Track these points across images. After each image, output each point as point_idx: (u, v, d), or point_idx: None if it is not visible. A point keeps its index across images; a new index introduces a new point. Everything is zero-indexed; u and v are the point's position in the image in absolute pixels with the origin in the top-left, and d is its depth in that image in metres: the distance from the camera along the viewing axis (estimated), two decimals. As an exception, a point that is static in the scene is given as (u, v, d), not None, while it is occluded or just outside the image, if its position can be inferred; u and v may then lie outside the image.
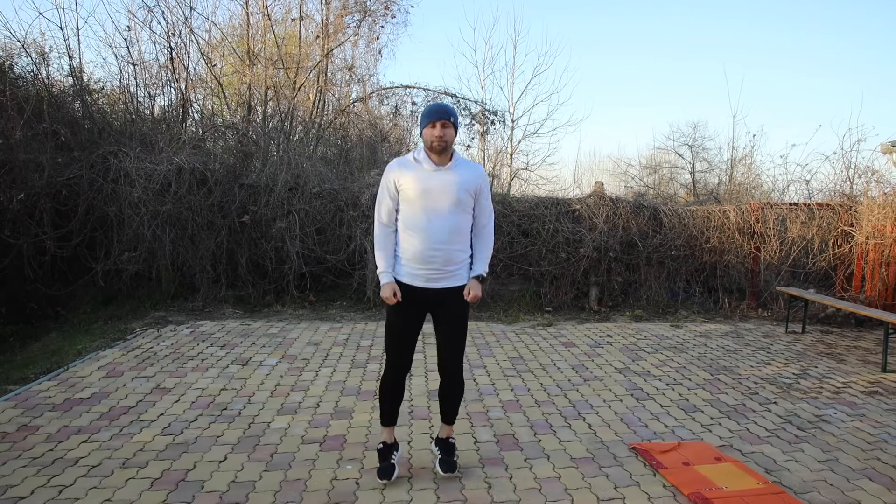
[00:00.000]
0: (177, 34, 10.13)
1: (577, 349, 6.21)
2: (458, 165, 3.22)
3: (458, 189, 3.15)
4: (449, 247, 3.16)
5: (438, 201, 3.14)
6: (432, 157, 3.17)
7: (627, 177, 16.62)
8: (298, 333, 6.55)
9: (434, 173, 3.16)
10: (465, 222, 3.24)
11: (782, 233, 8.74)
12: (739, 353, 6.21)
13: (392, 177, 3.22)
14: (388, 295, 3.16)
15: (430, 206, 3.14)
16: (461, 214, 3.20)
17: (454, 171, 3.19)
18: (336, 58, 12.79)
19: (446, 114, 3.13)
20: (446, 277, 3.21)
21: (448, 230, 3.15)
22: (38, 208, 7.37)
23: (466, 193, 3.18)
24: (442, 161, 3.18)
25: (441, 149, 3.12)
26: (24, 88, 8.03)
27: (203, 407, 4.34)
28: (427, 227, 3.13)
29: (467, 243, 3.29)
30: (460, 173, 3.20)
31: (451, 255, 3.18)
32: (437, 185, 3.14)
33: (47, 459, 3.44)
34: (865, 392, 5.06)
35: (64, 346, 5.95)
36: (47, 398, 4.42)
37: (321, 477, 3.31)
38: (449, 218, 3.15)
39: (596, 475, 3.41)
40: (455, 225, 3.17)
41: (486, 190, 3.31)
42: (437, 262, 3.16)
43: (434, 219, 3.13)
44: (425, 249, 3.14)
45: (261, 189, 8.03)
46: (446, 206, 3.14)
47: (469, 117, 12.31)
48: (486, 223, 3.35)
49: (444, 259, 3.17)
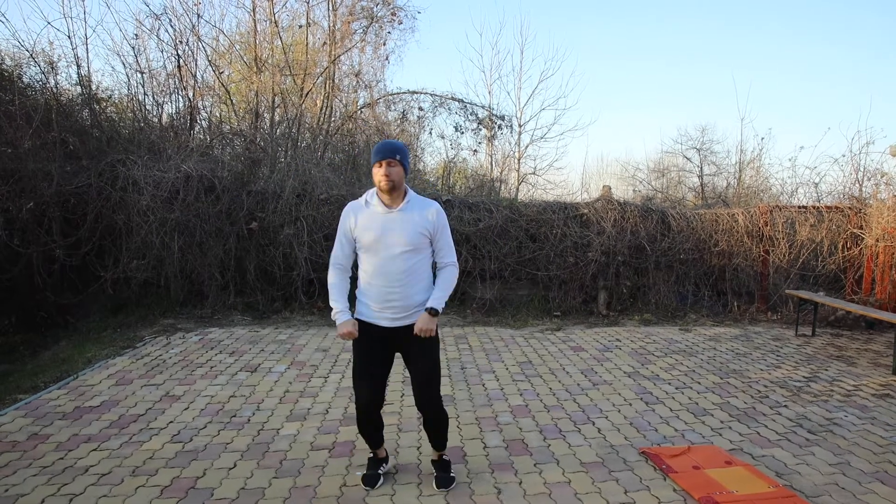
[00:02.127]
0: (184, 42, 10.19)
1: (586, 353, 6.19)
2: (410, 206, 3.11)
3: (411, 232, 3.06)
4: (406, 290, 3.08)
5: (391, 245, 3.05)
6: (382, 198, 3.10)
7: (635, 181, 16.58)
8: (307, 340, 6.56)
9: (385, 216, 3.08)
10: (422, 263, 3.14)
11: (791, 236, 8.70)
12: (749, 357, 6.17)
13: (346, 222, 3.16)
14: (345, 331, 3.07)
15: (382, 251, 3.06)
16: (416, 256, 3.10)
17: (406, 212, 3.09)
18: (343, 64, 12.83)
19: (391, 152, 3.03)
20: (409, 317, 3.12)
21: (404, 273, 3.07)
22: (48, 217, 7.41)
23: (419, 235, 3.09)
24: (393, 202, 3.10)
25: (388, 188, 3.03)
26: (33, 97, 8.08)
27: (212, 414, 4.35)
28: (382, 271, 3.06)
29: (427, 284, 3.17)
30: (412, 214, 3.10)
31: (410, 298, 3.10)
32: (389, 230, 3.06)
33: (57, 468, 3.45)
34: (876, 395, 5.02)
35: (73, 354, 5.98)
36: (57, 407, 4.44)
37: (330, 483, 3.31)
38: (403, 261, 3.06)
39: (606, 480, 3.40)
40: (410, 268, 3.08)
41: (443, 228, 3.19)
42: (397, 305, 3.09)
43: (388, 263, 3.06)
44: (383, 293, 3.08)
45: (269, 196, 8.05)
46: (399, 250, 3.05)
47: (476, 122, 12.33)
48: (447, 257, 3.22)
49: (403, 302, 3.09)
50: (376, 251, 3.06)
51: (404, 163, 3.08)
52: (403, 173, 3.08)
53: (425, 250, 3.15)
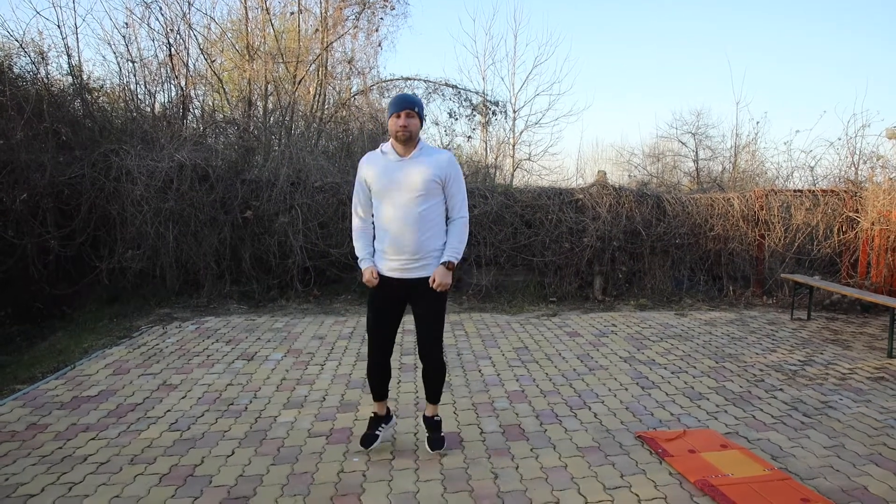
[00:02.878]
0: (175, 30, 10.11)
1: (582, 339, 6.21)
2: (422, 154, 3.24)
3: (422, 179, 3.17)
4: (418, 237, 3.21)
5: (403, 192, 3.18)
6: (397, 147, 3.23)
7: (630, 166, 16.55)
8: (303, 328, 6.57)
9: (398, 164, 3.22)
10: (434, 212, 3.25)
11: (787, 220, 8.72)
12: (745, 341, 6.20)
13: (362, 171, 3.32)
14: (368, 277, 3.29)
15: (395, 198, 3.20)
16: (428, 204, 3.22)
17: (417, 160, 3.22)
18: (336, 51, 12.76)
19: (410, 103, 3.17)
20: (419, 267, 3.26)
21: (415, 220, 3.19)
22: (41, 208, 7.38)
23: (432, 182, 3.20)
24: (406, 151, 3.22)
25: (405, 138, 3.16)
26: (24, 88, 8.02)
27: (209, 402, 4.36)
28: (394, 218, 3.20)
29: (439, 232, 3.30)
30: (424, 162, 3.22)
31: (422, 245, 3.22)
32: (401, 177, 3.19)
33: (56, 457, 3.45)
34: (871, 378, 5.05)
35: (70, 344, 5.97)
36: (55, 397, 4.44)
37: (328, 470, 3.32)
38: (415, 208, 3.19)
39: (602, 464, 3.42)
40: (422, 215, 3.20)
41: (456, 177, 3.30)
42: (408, 252, 3.22)
43: (400, 210, 3.19)
44: (394, 240, 3.22)
45: (263, 184, 8.03)
46: (411, 197, 3.18)
47: (470, 108, 12.29)
48: (459, 211, 3.35)
49: (415, 249, 3.21)
50: (389, 198, 3.20)
51: (421, 115, 3.23)
52: (419, 125, 3.22)
53: (437, 197, 3.25)
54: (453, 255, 3.28)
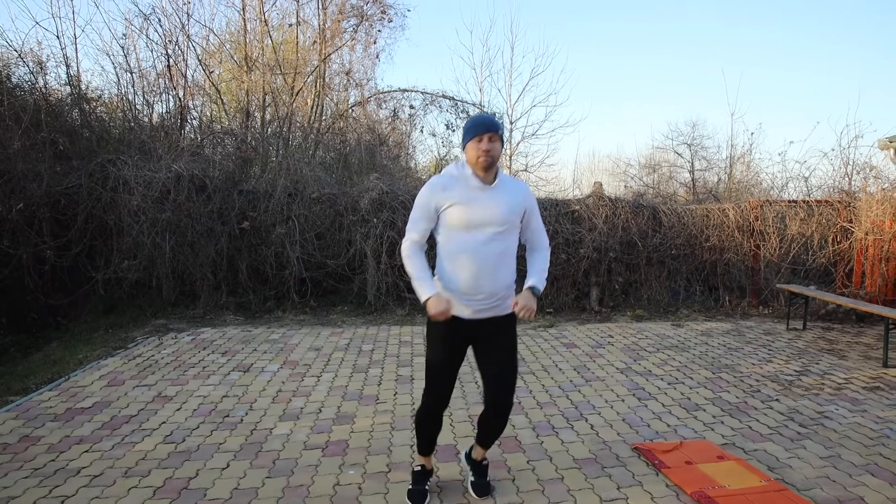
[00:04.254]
0: (174, 41, 10.16)
1: (579, 350, 6.21)
2: (502, 184, 2.89)
3: (507, 210, 2.84)
4: (497, 273, 2.85)
5: (485, 224, 2.81)
6: (479, 174, 2.83)
7: (626, 177, 16.64)
8: (300, 339, 6.55)
9: (482, 193, 2.83)
10: (512, 246, 2.92)
11: (782, 230, 8.75)
12: (741, 351, 6.21)
13: (434, 198, 2.85)
14: (443, 308, 2.74)
15: (476, 230, 2.81)
16: (508, 238, 2.88)
17: (500, 190, 2.87)
18: (334, 62, 12.82)
19: (494, 126, 2.80)
20: (493, 307, 2.90)
21: (496, 255, 2.84)
22: (38, 218, 7.37)
23: (514, 215, 2.88)
24: (487, 179, 2.84)
25: (488, 165, 2.78)
26: (22, 98, 8.03)
27: (205, 414, 4.34)
28: (474, 252, 2.81)
29: (514, 268, 2.97)
30: (507, 192, 2.88)
31: (499, 282, 2.87)
32: (484, 207, 2.82)
33: (49, 470, 3.43)
34: (867, 388, 5.06)
35: (65, 355, 5.95)
36: (48, 408, 4.42)
37: (324, 483, 3.30)
38: (496, 243, 2.83)
39: (599, 476, 3.41)
40: (502, 250, 2.86)
41: (535, 208, 3.02)
42: (485, 291, 2.85)
43: (482, 244, 2.81)
44: (471, 277, 2.82)
45: (260, 195, 8.04)
46: (492, 230, 2.82)
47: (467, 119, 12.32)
48: (542, 241, 3.07)
49: (492, 287, 2.86)
50: (467, 230, 2.81)
51: (503, 138, 2.91)
52: (501, 149, 2.87)
53: (515, 233, 2.94)
54: (540, 283, 2.96)
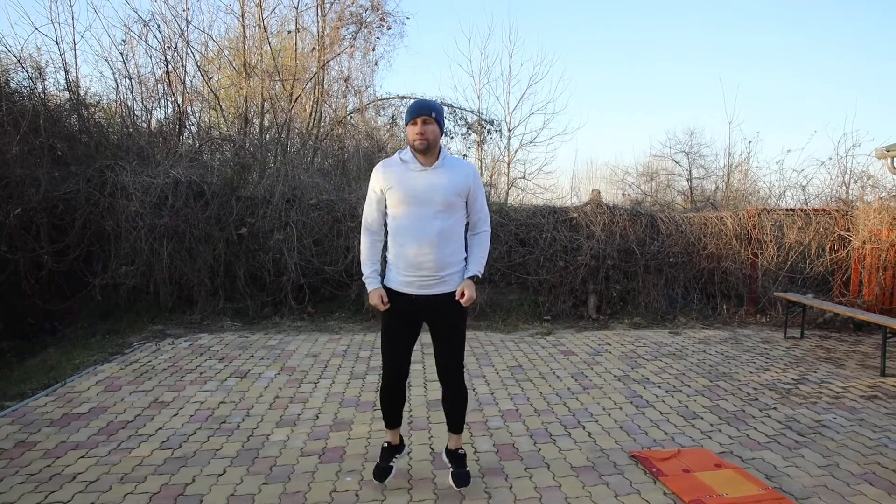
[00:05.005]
0: (173, 47, 10.17)
1: (577, 357, 6.21)
2: (445, 165, 3.05)
3: (446, 191, 2.99)
4: (440, 251, 3.01)
5: (425, 204, 2.98)
6: (417, 156, 3.01)
7: (624, 184, 16.65)
8: (297, 345, 6.54)
9: (420, 174, 3.01)
10: (456, 225, 3.08)
11: (779, 238, 8.76)
12: (738, 360, 6.21)
13: (377, 180, 3.08)
14: (376, 301, 3.07)
15: (417, 210, 2.99)
16: (451, 217, 3.03)
17: (441, 170, 3.03)
18: (332, 69, 12.85)
19: (427, 109, 2.95)
20: (439, 283, 3.07)
21: (437, 234, 2.99)
22: (35, 223, 7.36)
23: (455, 195, 3.02)
24: (428, 161, 3.01)
25: (423, 148, 2.95)
26: (21, 103, 8.04)
27: (202, 420, 4.33)
28: (415, 231, 2.99)
29: (460, 246, 3.13)
30: (448, 173, 3.03)
31: (443, 260, 3.03)
32: (424, 188, 2.99)
33: (44, 476, 3.42)
34: (865, 396, 5.06)
35: (61, 361, 5.93)
36: (44, 414, 4.40)
37: (321, 489, 3.29)
38: (438, 221, 2.99)
39: (596, 483, 3.40)
40: (445, 228, 3.01)
41: (479, 189, 3.15)
42: (428, 268, 3.02)
43: (422, 223, 2.99)
44: (415, 255, 3.01)
45: (258, 201, 8.03)
46: (434, 209, 2.98)
47: (465, 127, 12.35)
48: (482, 225, 3.21)
49: (436, 264, 3.02)
50: (409, 210, 2.99)
51: (440, 121, 3.00)
52: (439, 132, 3.00)
53: (459, 212, 3.08)
54: (480, 269, 3.15)
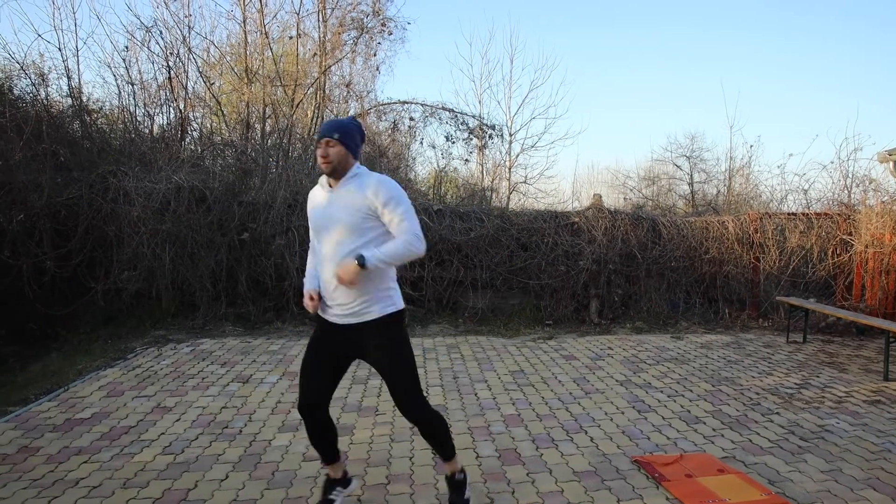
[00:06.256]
0: (175, 54, 10.22)
1: (578, 362, 6.20)
2: (349, 183, 2.79)
3: (348, 210, 2.74)
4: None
5: (328, 229, 2.78)
6: (329, 179, 2.84)
7: (626, 189, 16.67)
8: (299, 350, 6.54)
9: (326, 198, 2.83)
10: (370, 245, 2.74)
11: (781, 242, 8.76)
12: (741, 364, 6.20)
13: (308, 205, 3.00)
14: (306, 300, 2.89)
15: (325, 235, 2.80)
16: (361, 237, 2.74)
17: (344, 190, 2.78)
18: (334, 74, 12.89)
19: (329, 130, 2.75)
20: (360, 312, 2.80)
21: (344, 258, 2.72)
22: (38, 229, 7.38)
23: (358, 213, 2.73)
24: (335, 183, 2.82)
25: (328, 171, 2.77)
26: (24, 109, 8.06)
27: (204, 425, 4.33)
28: (324, 258, 2.81)
29: (377, 274, 2.77)
30: (350, 192, 2.77)
31: (359, 294, 2.77)
32: (326, 211, 2.81)
33: (48, 481, 3.42)
34: (868, 401, 5.05)
35: (64, 366, 5.94)
36: (47, 419, 4.41)
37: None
38: (345, 244, 2.74)
39: (598, 488, 3.40)
40: (353, 251, 2.72)
41: (391, 198, 2.72)
42: (341, 296, 2.79)
43: (330, 247, 2.78)
44: (326, 284, 2.83)
45: (260, 206, 8.04)
46: (338, 234, 2.75)
47: (467, 131, 12.38)
48: (399, 230, 2.74)
49: (346, 295, 2.77)
50: (319, 234, 2.84)
51: (344, 141, 2.75)
52: (345, 153, 2.76)
53: (371, 232, 2.76)
54: (371, 257, 2.67)
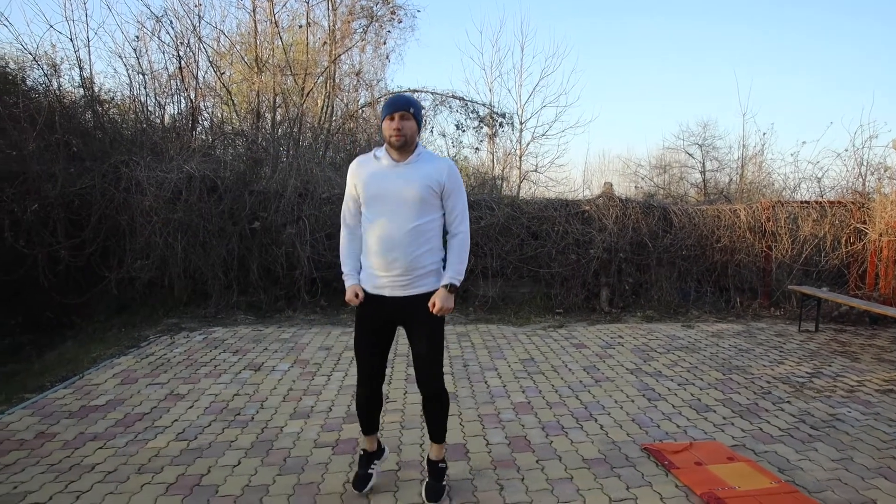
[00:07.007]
0: (186, 43, 10.23)
1: (589, 350, 6.21)
2: (419, 160, 2.92)
3: (419, 186, 2.85)
4: (412, 250, 2.87)
5: (397, 201, 2.85)
6: (391, 153, 2.91)
7: (637, 177, 16.56)
8: (310, 338, 6.59)
9: (392, 170, 2.90)
10: (432, 223, 2.91)
11: (794, 231, 8.69)
12: (752, 353, 6.18)
13: (351, 176, 3.01)
14: (350, 297, 2.96)
15: (388, 207, 2.87)
16: (426, 215, 2.88)
17: (414, 166, 2.90)
18: (344, 63, 12.86)
19: (405, 104, 2.85)
20: (413, 284, 2.92)
21: (409, 232, 2.85)
22: (52, 218, 7.45)
23: (429, 190, 2.86)
24: (402, 157, 2.90)
25: (399, 144, 2.85)
26: (37, 100, 8.12)
27: (216, 412, 4.38)
28: (386, 229, 2.86)
29: (437, 246, 2.96)
30: (421, 168, 2.90)
31: (416, 261, 2.88)
32: (396, 184, 2.87)
33: (64, 466, 3.48)
34: (880, 390, 5.02)
35: (79, 354, 6.01)
36: (63, 406, 4.47)
37: (334, 480, 3.33)
38: (410, 218, 2.85)
39: (608, 476, 3.41)
40: (418, 227, 2.86)
41: (456, 188, 2.95)
42: (400, 268, 2.88)
43: (393, 220, 2.86)
44: (386, 253, 2.87)
45: (271, 195, 8.08)
46: (406, 206, 2.85)
47: (477, 120, 12.33)
48: (458, 226, 2.97)
49: (408, 265, 2.87)
50: (380, 207, 2.88)
51: (418, 117, 2.89)
52: (416, 128, 2.89)
53: (434, 211, 2.92)
54: (456, 278, 2.90)
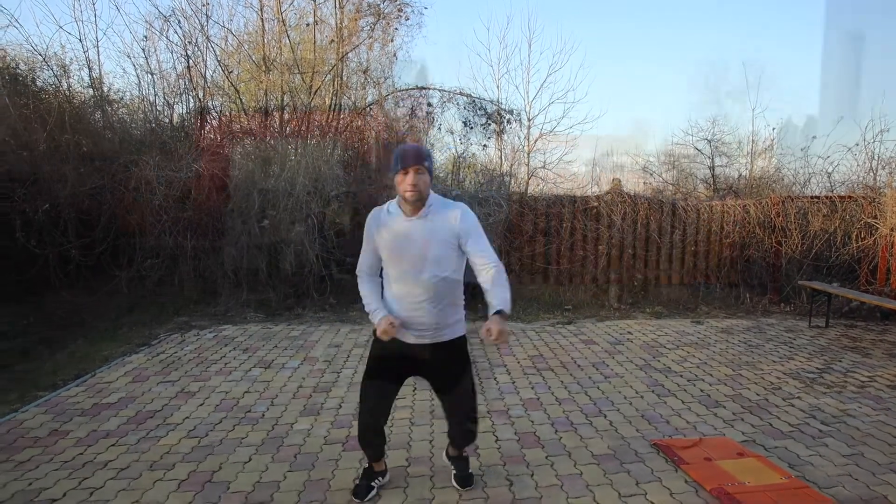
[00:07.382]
0: (193, 42, 10.26)
1: (598, 346, 6.20)
2: (431, 212, 2.74)
3: (436, 243, 2.71)
4: (435, 308, 2.77)
5: (412, 259, 2.72)
6: (404, 207, 2.75)
7: (645, 173, 16.47)
8: (319, 336, 6.61)
9: (405, 226, 2.74)
10: (453, 276, 2.78)
11: (804, 226, 8.64)
12: (762, 349, 6.15)
13: (371, 230, 2.87)
14: (386, 326, 2.68)
15: (406, 266, 2.73)
16: (444, 270, 2.74)
17: (426, 220, 2.73)
18: (351, 61, 12.85)
19: (419, 157, 2.65)
20: (436, 334, 2.83)
21: (428, 289, 2.73)
22: (63, 218, 7.50)
23: (446, 245, 2.72)
24: (415, 211, 2.73)
25: (414, 199, 2.68)
26: (47, 101, 8.18)
27: (227, 410, 4.40)
28: (405, 286, 2.76)
29: (457, 299, 2.86)
30: (435, 222, 2.73)
31: (437, 318, 2.79)
32: (408, 241, 2.73)
33: (77, 463, 3.51)
34: (891, 386, 4.99)
35: (90, 352, 6.06)
36: (76, 403, 4.51)
37: (344, 476, 3.35)
38: (427, 276, 2.72)
39: (617, 471, 3.42)
40: (438, 284, 2.74)
41: (472, 229, 2.75)
42: (424, 325, 2.79)
43: (411, 277, 2.73)
44: (407, 310, 2.77)
45: (279, 193, 8.10)
46: (422, 264, 2.71)
47: (485, 117, 12.31)
48: (488, 259, 2.72)
49: (433, 322, 2.79)
50: (399, 264, 2.76)
51: (431, 169, 2.73)
52: (429, 182, 2.73)
53: (453, 262, 2.77)
54: (504, 304, 2.64)
